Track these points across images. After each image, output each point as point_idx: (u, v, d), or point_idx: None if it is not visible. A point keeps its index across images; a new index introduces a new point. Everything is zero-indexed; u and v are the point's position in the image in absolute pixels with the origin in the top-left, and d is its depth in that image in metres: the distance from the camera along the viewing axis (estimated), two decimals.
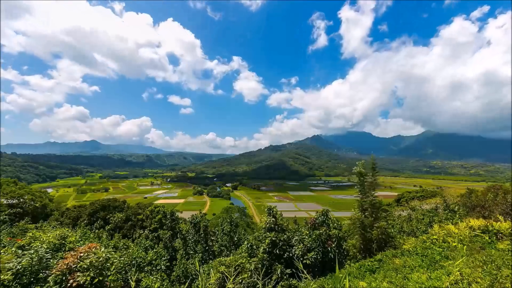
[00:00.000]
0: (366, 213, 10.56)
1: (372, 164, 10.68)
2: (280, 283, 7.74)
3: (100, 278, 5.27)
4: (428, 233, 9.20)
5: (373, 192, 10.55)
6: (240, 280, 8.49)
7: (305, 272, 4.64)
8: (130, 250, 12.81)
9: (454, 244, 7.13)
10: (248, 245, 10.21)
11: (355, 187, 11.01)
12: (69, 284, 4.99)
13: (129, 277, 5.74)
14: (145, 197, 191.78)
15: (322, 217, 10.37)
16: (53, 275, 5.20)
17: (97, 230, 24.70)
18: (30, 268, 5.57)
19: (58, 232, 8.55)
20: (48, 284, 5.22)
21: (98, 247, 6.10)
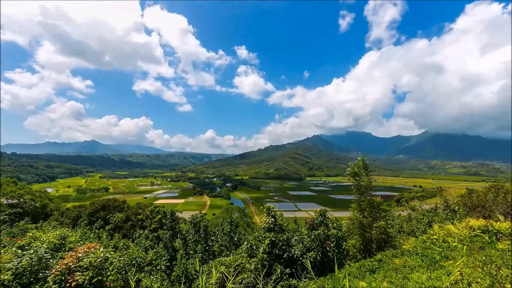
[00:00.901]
0: (364, 213, 10.56)
1: (363, 164, 10.67)
2: (280, 283, 7.74)
3: (99, 278, 5.27)
4: (428, 233, 9.19)
5: (370, 192, 10.54)
6: (240, 280, 8.50)
7: (310, 270, 4.65)
8: (130, 250, 12.81)
9: (454, 244, 7.13)
10: (248, 245, 10.20)
11: (352, 187, 11.03)
12: (68, 284, 4.99)
13: (129, 277, 5.73)
14: (145, 197, 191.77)
15: (320, 217, 10.36)
16: (53, 275, 5.20)
17: (97, 230, 24.69)
18: (30, 268, 5.57)
19: (58, 232, 8.54)
20: (47, 284, 5.22)
21: (97, 247, 6.10)
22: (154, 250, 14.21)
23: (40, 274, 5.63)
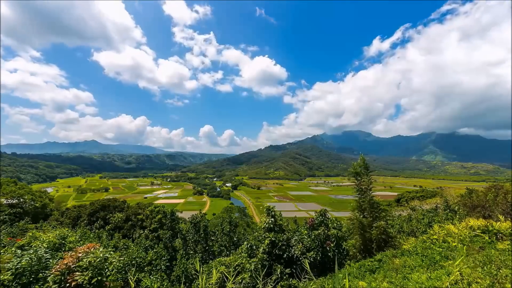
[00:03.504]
0: (364, 213, 10.55)
1: (364, 164, 10.67)
2: (280, 283, 7.73)
3: (99, 278, 5.27)
4: (428, 233, 9.19)
5: (370, 192, 10.53)
6: (240, 280, 8.50)
7: (309, 271, 4.64)
8: (130, 250, 12.81)
9: (454, 244, 7.13)
10: (248, 245, 10.20)
11: (353, 187, 11.04)
12: (68, 284, 4.99)
13: (129, 277, 5.73)
14: (145, 197, 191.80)
15: (321, 217, 10.35)
16: (53, 275, 5.20)
17: (97, 230, 24.71)
18: (29, 268, 5.57)
19: (58, 232, 8.55)
20: (47, 284, 5.22)
21: (97, 247, 6.10)
22: (154, 250, 14.22)
23: (40, 274, 5.63)
